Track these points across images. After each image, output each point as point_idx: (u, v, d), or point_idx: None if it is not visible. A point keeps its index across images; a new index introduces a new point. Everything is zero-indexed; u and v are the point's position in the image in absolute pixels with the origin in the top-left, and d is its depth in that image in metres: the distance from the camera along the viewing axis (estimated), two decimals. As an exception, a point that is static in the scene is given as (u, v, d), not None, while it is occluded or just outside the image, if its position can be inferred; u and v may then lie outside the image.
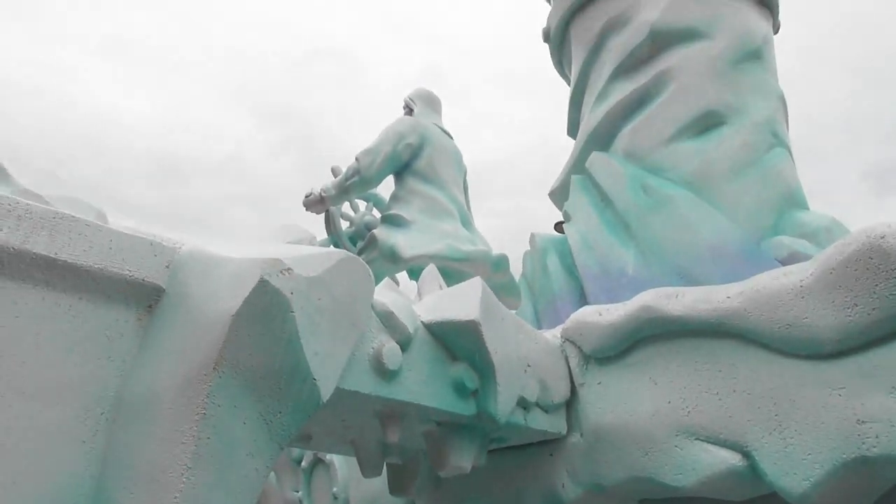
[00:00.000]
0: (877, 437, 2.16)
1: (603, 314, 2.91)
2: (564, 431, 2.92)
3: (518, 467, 3.07)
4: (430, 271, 3.45)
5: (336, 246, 6.31)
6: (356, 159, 5.84)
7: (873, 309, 2.23)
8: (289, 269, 1.98)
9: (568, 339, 3.02)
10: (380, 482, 3.44)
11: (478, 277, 2.77)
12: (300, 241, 2.62)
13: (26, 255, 1.75)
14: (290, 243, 2.64)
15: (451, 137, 6.45)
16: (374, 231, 5.65)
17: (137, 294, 1.99)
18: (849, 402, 2.24)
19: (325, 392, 2.06)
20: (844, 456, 2.21)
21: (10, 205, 1.76)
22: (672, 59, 3.88)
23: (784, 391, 2.38)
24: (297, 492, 4.52)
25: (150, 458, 1.81)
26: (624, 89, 3.99)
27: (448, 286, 5.78)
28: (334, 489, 4.08)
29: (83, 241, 1.86)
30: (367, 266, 2.36)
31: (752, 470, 2.39)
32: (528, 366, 2.79)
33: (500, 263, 5.54)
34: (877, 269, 2.23)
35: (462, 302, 2.63)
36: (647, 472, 2.61)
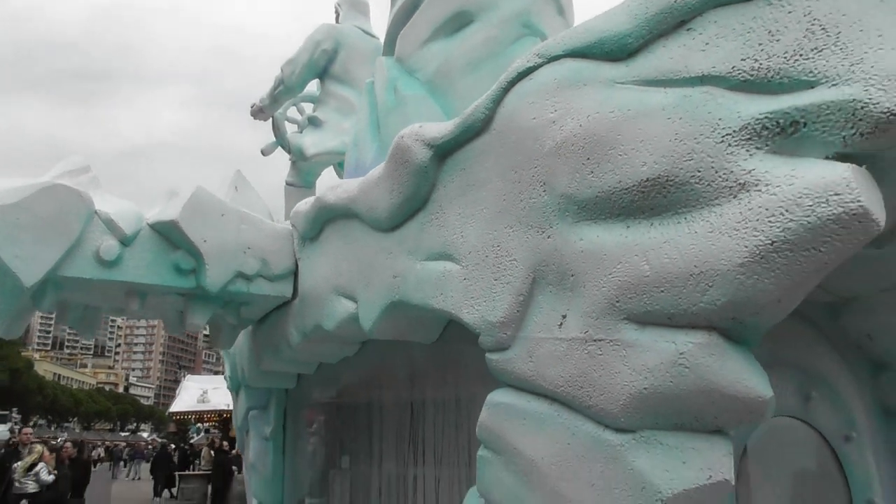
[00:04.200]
0: (398, 287, 2.92)
1: (305, 204, 3.73)
2: (289, 296, 3.85)
3: (278, 322, 4.06)
4: (237, 174, 4.38)
5: (283, 147, 7.26)
6: (280, 70, 6.64)
7: (399, 193, 2.92)
8: (-19, 202, 3.03)
9: (293, 225, 3.88)
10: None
11: (198, 185, 3.66)
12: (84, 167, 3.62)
13: None
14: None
15: (375, 37, 7.02)
16: (289, 134, 6.52)
17: None
18: (392, 263, 3.00)
19: (28, 282, 3.13)
20: (385, 301, 3.00)
21: None
22: (435, -37, 4.32)
23: (372, 258, 3.16)
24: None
25: None
26: (404, -5, 4.50)
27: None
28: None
29: None
30: (74, 189, 3.35)
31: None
32: (248, 248, 3.71)
33: None
34: (398, 161, 2.91)
35: (175, 205, 3.56)
36: (319, 320, 3.51)
